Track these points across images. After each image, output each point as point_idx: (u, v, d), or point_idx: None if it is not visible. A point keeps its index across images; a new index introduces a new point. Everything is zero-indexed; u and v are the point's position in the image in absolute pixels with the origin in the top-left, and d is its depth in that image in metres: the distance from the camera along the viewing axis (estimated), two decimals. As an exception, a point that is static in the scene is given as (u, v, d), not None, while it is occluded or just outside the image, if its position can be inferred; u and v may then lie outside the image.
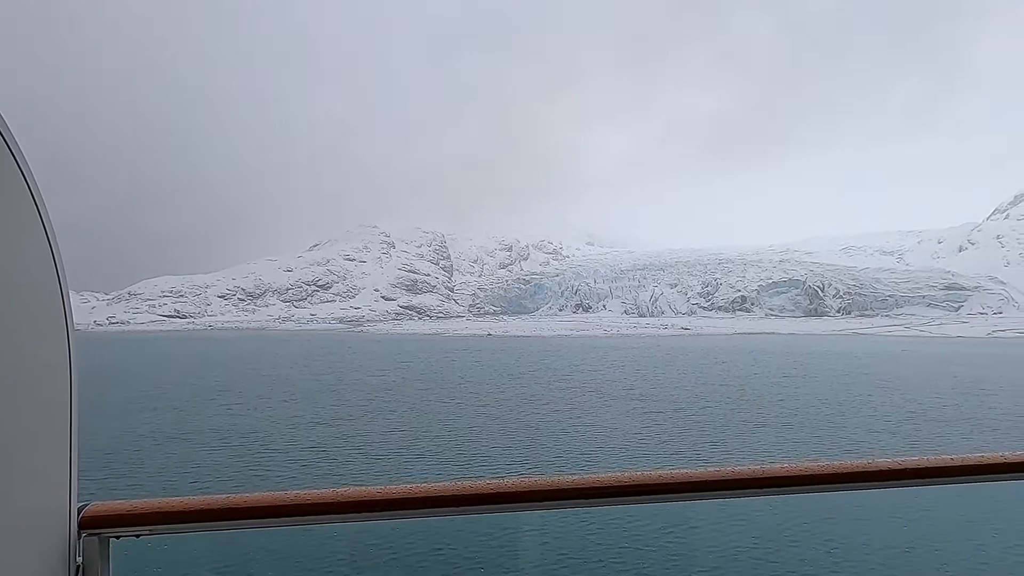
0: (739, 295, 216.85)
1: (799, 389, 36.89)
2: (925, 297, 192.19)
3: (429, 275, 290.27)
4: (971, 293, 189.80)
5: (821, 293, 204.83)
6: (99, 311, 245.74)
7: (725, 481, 1.80)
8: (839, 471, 1.86)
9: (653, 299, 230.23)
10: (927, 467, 1.90)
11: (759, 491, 1.84)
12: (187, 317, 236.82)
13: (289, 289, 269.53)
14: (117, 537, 1.55)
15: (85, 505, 1.53)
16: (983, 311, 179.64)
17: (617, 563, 9.16)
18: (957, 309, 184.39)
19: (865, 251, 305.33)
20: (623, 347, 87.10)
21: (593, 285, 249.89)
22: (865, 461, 1.88)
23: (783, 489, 1.86)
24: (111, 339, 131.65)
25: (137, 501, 1.57)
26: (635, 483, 1.74)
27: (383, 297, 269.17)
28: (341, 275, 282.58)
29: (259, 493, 1.61)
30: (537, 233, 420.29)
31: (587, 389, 37.26)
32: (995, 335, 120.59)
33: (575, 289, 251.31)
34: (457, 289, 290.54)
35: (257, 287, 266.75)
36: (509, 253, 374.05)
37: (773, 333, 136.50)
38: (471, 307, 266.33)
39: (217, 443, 21.60)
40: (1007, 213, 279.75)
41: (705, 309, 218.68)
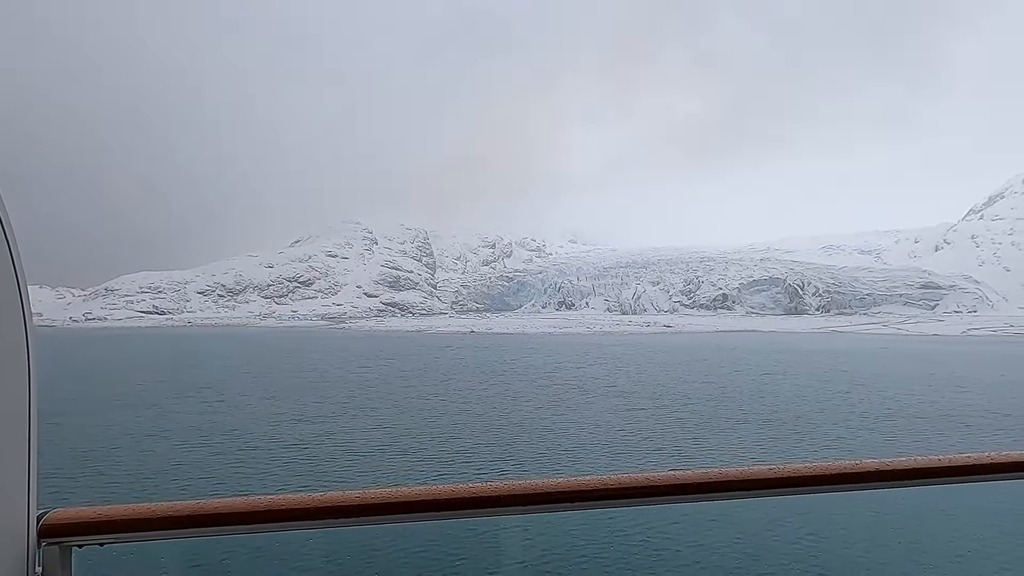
0: (720, 293, 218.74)
1: (779, 386, 37.31)
2: (902, 296, 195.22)
3: (412, 272, 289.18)
4: (947, 292, 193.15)
5: (801, 291, 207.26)
6: (75, 307, 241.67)
7: (711, 483, 1.75)
8: (827, 472, 1.82)
9: (636, 297, 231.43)
10: (915, 468, 1.88)
11: (746, 493, 1.80)
12: (166, 313, 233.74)
13: (270, 285, 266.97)
14: (80, 546, 1.46)
15: (45, 512, 1.43)
16: (958, 310, 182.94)
17: (601, 567, 9.17)
18: (933, 308, 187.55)
19: (844, 250, 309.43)
20: (606, 344, 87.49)
21: (576, 283, 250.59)
22: (853, 462, 1.85)
23: (770, 491, 1.82)
24: (87, 336, 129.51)
25: (101, 507, 1.47)
26: (620, 486, 1.69)
27: (365, 294, 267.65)
28: (323, 271, 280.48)
29: (230, 498, 1.53)
30: (520, 230, 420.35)
31: (570, 386, 37.38)
32: (969, 333, 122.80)
33: (558, 287, 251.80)
34: (440, 286, 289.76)
35: (237, 283, 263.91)
36: (492, 250, 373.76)
37: (754, 331, 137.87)
38: (454, 304, 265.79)
39: (197, 441, 21.36)
40: (982, 214, 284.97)
41: (687, 307, 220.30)
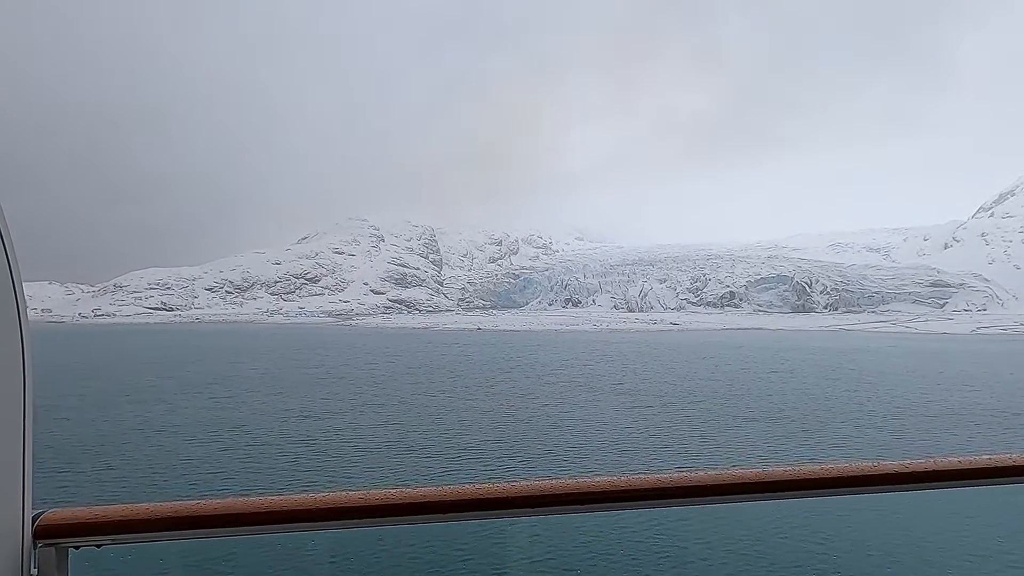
0: (727, 291, 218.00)
1: (786, 384, 37.19)
2: (911, 294, 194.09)
3: (418, 269, 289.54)
4: (956, 290, 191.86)
5: (808, 289, 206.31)
6: (84, 303, 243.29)
7: (724, 486, 1.71)
8: (844, 474, 1.77)
9: (642, 294, 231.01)
10: (935, 470, 1.82)
11: (760, 496, 1.75)
12: (174, 310, 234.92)
13: (277, 282, 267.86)
14: (76, 547, 1.43)
15: (41, 513, 1.40)
16: (968, 308, 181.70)
17: (608, 568, 9.15)
18: (942, 306, 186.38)
19: (852, 248, 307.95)
20: (612, 342, 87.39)
21: (583, 280, 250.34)
22: (871, 463, 1.80)
23: (785, 494, 1.77)
24: (97, 331, 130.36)
25: (97, 508, 1.44)
26: (631, 488, 1.66)
27: (372, 291, 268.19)
28: (330, 268, 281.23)
29: (230, 499, 1.49)
30: (527, 228, 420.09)
31: (576, 384, 37.38)
32: (979, 332, 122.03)
33: (564, 284, 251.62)
34: (446, 283, 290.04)
35: (245, 280, 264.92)
36: (499, 247, 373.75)
37: (761, 329, 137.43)
38: (460, 301, 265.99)
39: (206, 436, 21.48)
40: (992, 211, 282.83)
41: (694, 304, 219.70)
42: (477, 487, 1.60)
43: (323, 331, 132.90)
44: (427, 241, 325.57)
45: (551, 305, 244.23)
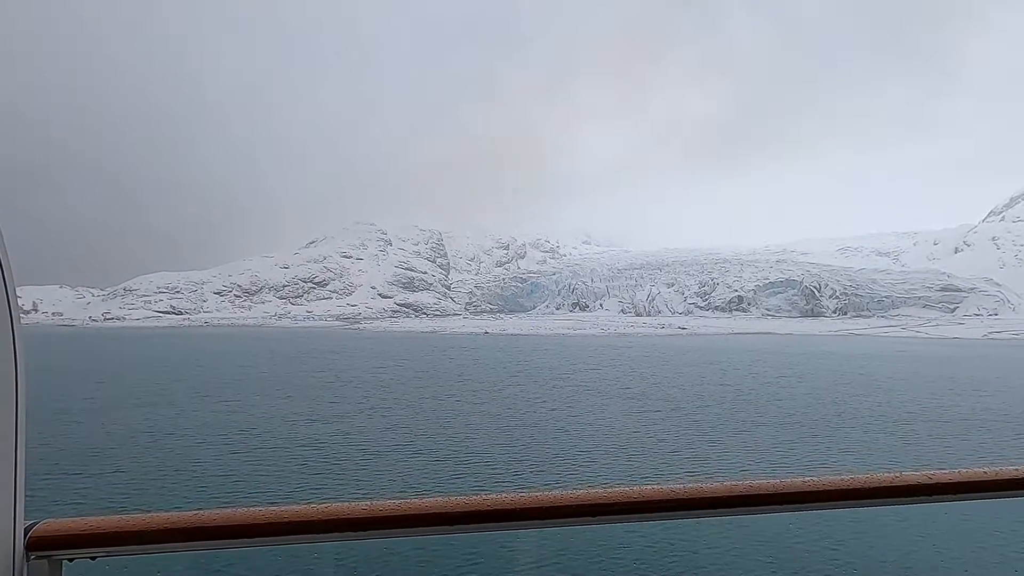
0: (736, 295, 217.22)
1: (796, 389, 36.99)
2: (921, 298, 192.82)
3: (426, 273, 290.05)
4: (967, 295, 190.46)
5: (817, 294, 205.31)
6: (94, 307, 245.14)
7: (740, 497, 1.66)
8: (864, 485, 1.73)
9: (650, 298, 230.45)
10: (959, 481, 1.77)
11: (776, 508, 1.70)
12: (183, 313, 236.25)
13: (286, 286, 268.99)
14: (70, 559, 1.37)
15: (34, 524, 1.35)
16: (979, 312, 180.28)
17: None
18: (953, 310, 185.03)
19: (861, 252, 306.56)
20: (620, 346, 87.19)
21: (590, 284, 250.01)
22: (892, 474, 1.76)
23: (802, 505, 1.71)
24: (107, 335, 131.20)
25: (92, 518, 1.38)
26: (644, 499, 1.60)
27: (380, 295, 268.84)
28: (338, 272, 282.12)
29: (230, 510, 1.43)
30: (534, 231, 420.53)
31: (584, 388, 37.31)
32: (991, 336, 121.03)
33: (572, 288, 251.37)
34: (454, 287, 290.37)
35: (253, 284, 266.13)
36: (506, 251, 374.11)
37: (770, 333, 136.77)
38: (468, 305, 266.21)
39: (215, 440, 21.58)
40: (1002, 215, 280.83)
41: (702, 309, 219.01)
42: (485, 498, 1.54)
43: (331, 335, 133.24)
44: (434, 245, 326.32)
45: (558, 309, 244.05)
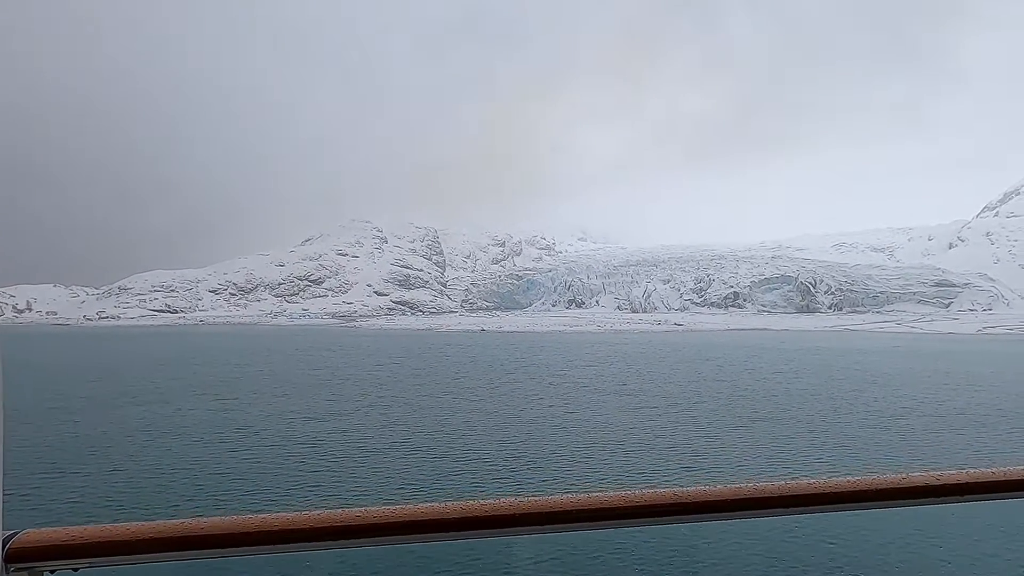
0: (732, 291, 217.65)
1: (791, 385, 37.11)
2: (915, 294, 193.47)
3: (422, 270, 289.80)
4: (961, 290, 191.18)
5: (813, 289, 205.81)
6: (89, 305, 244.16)
7: (745, 500, 1.61)
8: (871, 487, 1.69)
9: (646, 295, 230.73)
10: (967, 482, 1.75)
11: (783, 511, 1.65)
12: (178, 312, 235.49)
13: (281, 284, 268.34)
14: (51, 571, 1.33)
15: (14, 534, 1.30)
16: (973, 308, 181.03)
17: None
18: (947, 306, 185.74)
19: (856, 248, 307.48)
20: (617, 342, 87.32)
21: (586, 281, 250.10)
22: (899, 475, 1.73)
23: (809, 508, 1.67)
24: (101, 334, 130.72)
25: (74, 529, 1.32)
26: (646, 503, 1.55)
27: (376, 292, 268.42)
28: (333, 270, 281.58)
29: (219, 518, 1.37)
30: (530, 228, 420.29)
31: (581, 385, 37.36)
32: (985, 331, 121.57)
33: (568, 284, 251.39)
34: (450, 284, 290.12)
35: (249, 282, 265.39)
36: (502, 248, 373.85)
37: (766, 329, 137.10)
38: (464, 302, 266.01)
39: (212, 438, 21.55)
40: (996, 211, 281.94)
41: (698, 305, 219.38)
42: (483, 503, 1.48)
43: (327, 333, 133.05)
44: (430, 243, 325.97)
45: (555, 306, 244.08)
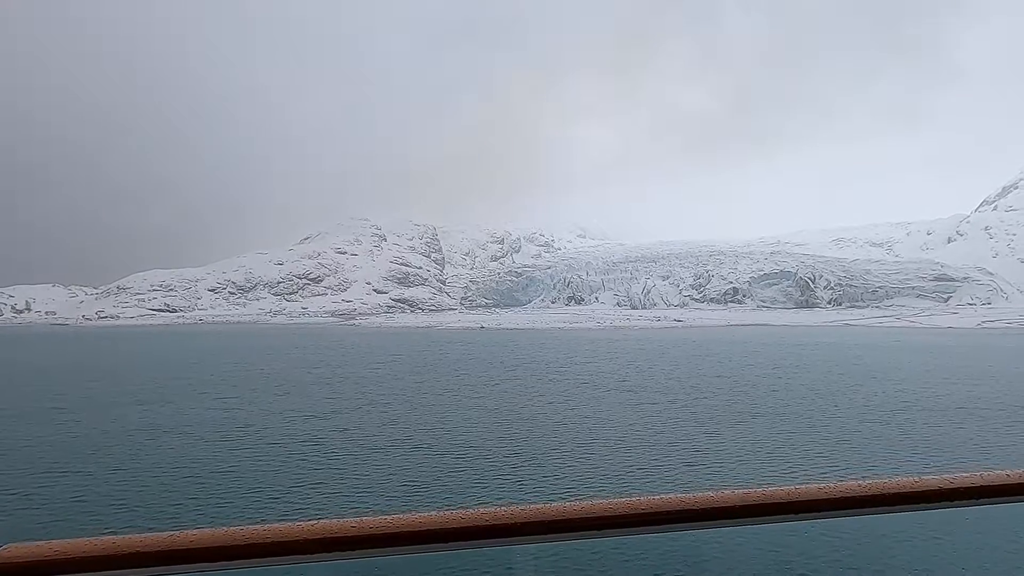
0: (731, 287, 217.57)
1: (792, 380, 37.14)
2: (915, 288, 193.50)
3: (421, 268, 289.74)
4: (960, 284, 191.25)
5: (812, 284, 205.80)
6: (87, 305, 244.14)
7: (754, 506, 1.57)
8: (884, 491, 1.64)
9: (645, 291, 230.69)
10: (982, 485, 1.70)
11: (793, 516, 1.60)
12: (177, 311, 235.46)
13: (280, 282, 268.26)
14: None
15: None
16: (972, 302, 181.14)
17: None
18: (946, 300, 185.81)
19: (855, 243, 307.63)
20: (616, 339, 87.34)
21: (585, 277, 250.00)
22: (913, 479, 1.68)
23: (819, 514, 1.63)
24: (100, 333, 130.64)
25: (58, 542, 1.28)
26: (652, 510, 1.51)
27: (375, 290, 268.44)
28: (332, 268, 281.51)
29: (209, 529, 1.33)
30: (529, 226, 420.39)
31: (581, 381, 37.37)
32: (984, 325, 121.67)
33: (567, 281, 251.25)
34: (449, 282, 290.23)
35: (247, 280, 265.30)
36: (501, 246, 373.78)
37: (765, 324, 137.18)
38: (463, 300, 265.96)
39: (213, 437, 21.54)
40: (995, 205, 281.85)
41: (697, 301, 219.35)
42: (483, 512, 1.43)
43: (326, 331, 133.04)
44: (429, 240, 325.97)
45: (554, 303, 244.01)
